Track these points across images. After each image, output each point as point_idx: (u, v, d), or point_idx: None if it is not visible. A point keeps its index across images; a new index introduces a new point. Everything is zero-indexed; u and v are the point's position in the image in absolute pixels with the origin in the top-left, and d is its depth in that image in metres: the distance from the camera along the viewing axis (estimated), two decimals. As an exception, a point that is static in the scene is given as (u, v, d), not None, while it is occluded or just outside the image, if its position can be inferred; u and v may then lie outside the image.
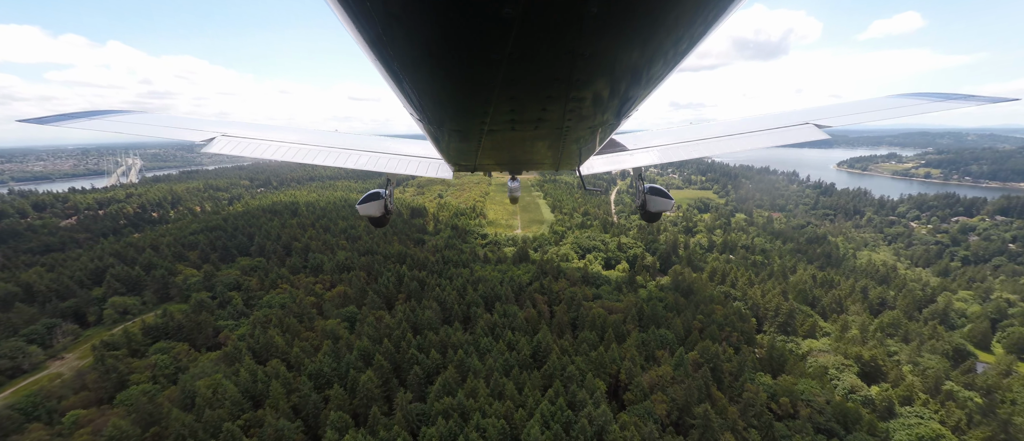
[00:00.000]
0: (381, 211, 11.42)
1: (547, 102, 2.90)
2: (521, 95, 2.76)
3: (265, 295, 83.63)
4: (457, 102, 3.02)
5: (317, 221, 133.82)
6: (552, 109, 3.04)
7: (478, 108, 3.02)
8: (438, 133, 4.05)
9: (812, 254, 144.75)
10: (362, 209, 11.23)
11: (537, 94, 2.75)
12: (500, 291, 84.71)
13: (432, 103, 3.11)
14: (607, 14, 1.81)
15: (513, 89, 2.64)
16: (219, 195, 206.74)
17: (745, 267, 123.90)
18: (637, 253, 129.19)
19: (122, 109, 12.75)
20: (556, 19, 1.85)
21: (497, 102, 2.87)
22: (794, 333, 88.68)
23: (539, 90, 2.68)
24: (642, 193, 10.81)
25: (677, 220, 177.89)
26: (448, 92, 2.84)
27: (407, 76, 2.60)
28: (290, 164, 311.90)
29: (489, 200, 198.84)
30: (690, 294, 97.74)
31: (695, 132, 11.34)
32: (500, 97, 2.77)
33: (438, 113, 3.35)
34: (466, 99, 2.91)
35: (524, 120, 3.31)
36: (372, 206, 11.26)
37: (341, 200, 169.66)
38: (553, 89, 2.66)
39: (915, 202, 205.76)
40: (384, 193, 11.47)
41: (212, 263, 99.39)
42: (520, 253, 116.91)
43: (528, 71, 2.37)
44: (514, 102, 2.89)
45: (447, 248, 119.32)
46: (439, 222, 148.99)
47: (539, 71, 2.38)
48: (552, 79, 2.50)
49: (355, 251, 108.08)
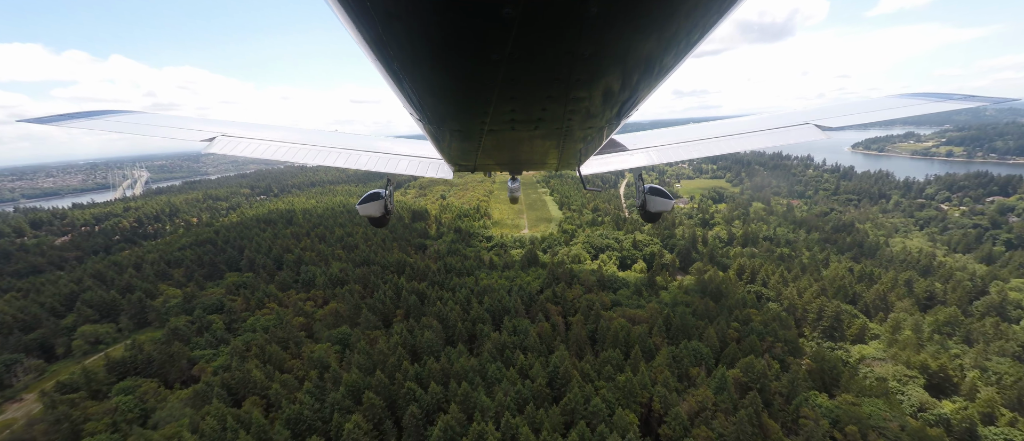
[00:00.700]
0: (381, 211, 10.87)
1: (547, 102, 2.87)
2: (521, 95, 2.73)
3: (250, 317, 74.69)
4: (457, 102, 2.98)
5: (313, 229, 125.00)
6: (552, 109, 3.01)
7: (478, 108, 2.99)
8: (438, 133, 3.99)
9: (842, 244, 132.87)
10: (362, 209, 10.68)
11: (537, 94, 2.72)
12: (508, 303, 74.92)
13: (432, 103, 3.06)
14: (607, 14, 1.81)
15: (513, 89, 2.62)
16: (218, 205, 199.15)
17: (773, 262, 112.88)
18: (654, 251, 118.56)
19: (123, 109, 11.92)
20: (556, 19, 1.84)
21: (497, 102, 2.84)
22: (841, 338, 77.80)
23: (539, 90, 2.65)
24: (642, 193, 10.58)
25: (692, 212, 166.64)
26: (448, 92, 2.80)
27: (407, 76, 2.56)
28: (291, 170, 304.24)
29: (494, 199, 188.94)
30: (720, 297, 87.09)
31: (695, 132, 11.12)
32: (500, 97, 2.75)
33: (438, 113, 3.30)
34: (466, 99, 2.87)
35: (524, 120, 3.28)
36: (372, 206, 10.73)
37: (339, 206, 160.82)
38: (553, 89, 2.63)
39: (944, 183, 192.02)
40: (384, 193, 10.93)
41: (197, 281, 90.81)
42: (529, 256, 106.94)
43: (528, 71, 2.36)
44: (514, 102, 2.86)
45: (450, 254, 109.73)
46: (442, 225, 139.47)
47: (539, 71, 2.36)
48: (552, 79, 2.48)
49: (351, 262, 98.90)
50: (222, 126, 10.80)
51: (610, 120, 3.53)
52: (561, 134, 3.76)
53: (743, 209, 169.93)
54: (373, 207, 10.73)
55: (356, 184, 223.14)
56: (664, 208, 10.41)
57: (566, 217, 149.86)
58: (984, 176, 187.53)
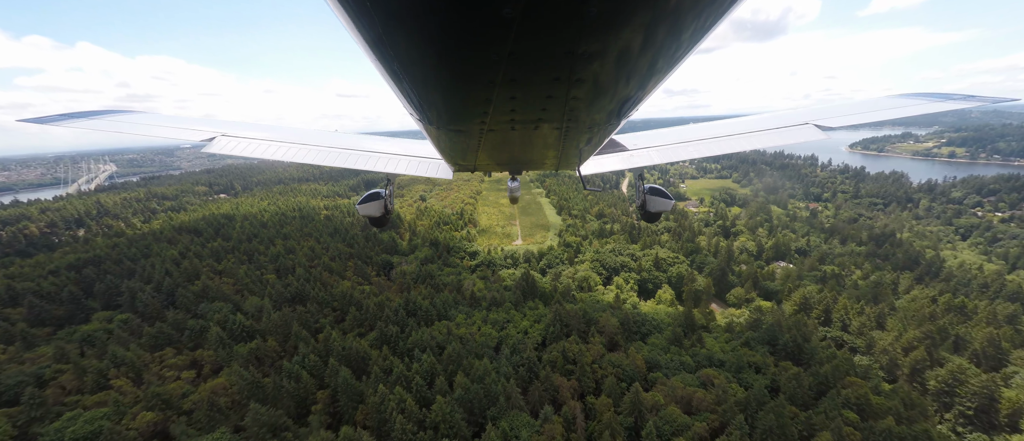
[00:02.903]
0: (381, 211, 10.32)
1: (547, 102, 2.77)
2: (521, 95, 2.64)
3: (66, 413, 42.93)
4: (457, 102, 2.85)
5: (245, 243, 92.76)
6: (552, 109, 2.91)
7: (478, 108, 2.87)
8: (438, 133, 3.81)
9: (895, 259, 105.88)
10: (362, 209, 10.14)
11: (537, 94, 2.63)
12: (496, 386, 44.63)
13: (432, 103, 2.92)
14: (606, 14, 1.76)
15: (513, 89, 2.52)
16: (162, 204, 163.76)
17: (831, 287, 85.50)
18: (681, 272, 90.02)
19: (121, 109, 10.90)
20: (556, 19, 1.78)
21: (497, 102, 2.73)
22: (994, 426, 49.84)
23: (539, 90, 2.57)
24: (642, 193, 10.36)
25: (709, 219, 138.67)
26: (448, 92, 2.69)
27: (407, 76, 2.46)
28: (264, 164, 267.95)
29: (481, 201, 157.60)
30: (799, 355, 58.63)
31: (695, 132, 10.46)
32: (500, 97, 2.64)
33: (438, 113, 3.14)
34: (466, 99, 2.75)
35: (524, 120, 3.17)
36: (372, 206, 10.16)
37: (294, 209, 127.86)
38: (553, 89, 2.54)
39: (970, 185, 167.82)
40: (384, 193, 10.39)
41: (41, 327, 58.59)
42: (524, 283, 76.98)
43: (528, 71, 2.27)
44: (514, 102, 2.75)
45: (420, 281, 79.02)
46: (416, 235, 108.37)
47: (539, 71, 2.29)
48: (552, 79, 2.39)
49: (278, 296, 67.52)
50: (222, 126, 10.13)
51: (610, 120, 3.40)
52: (561, 134, 3.65)
53: (763, 214, 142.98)
54: (373, 207, 10.15)
55: (325, 182, 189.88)
56: (664, 208, 10.02)
57: (567, 226, 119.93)
58: (1016, 179, 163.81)
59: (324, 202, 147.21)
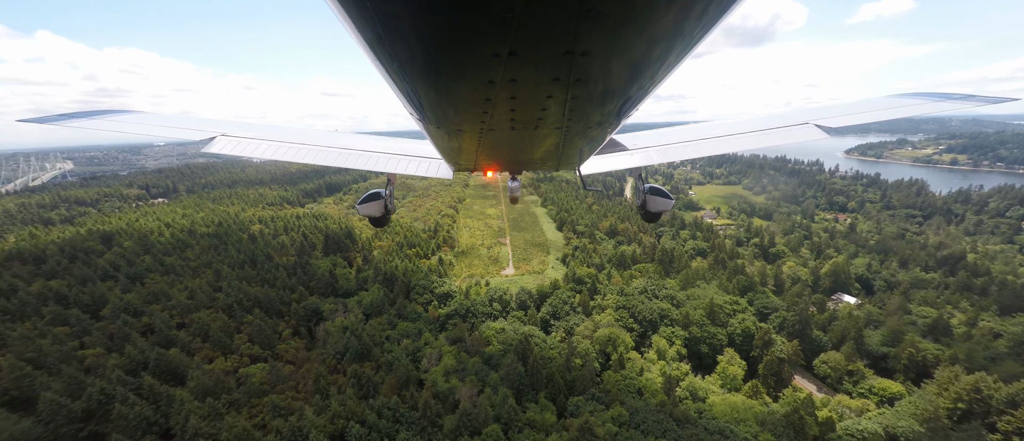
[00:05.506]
0: (381, 211, 9.78)
1: (547, 102, 2.68)
2: (521, 95, 2.54)
3: None
4: (457, 102, 2.74)
5: (97, 283, 58.26)
6: (552, 109, 2.82)
7: (478, 108, 2.78)
8: (438, 133, 3.65)
9: (994, 294, 77.35)
10: (362, 209, 9.64)
11: (537, 94, 2.54)
12: None
13: (432, 103, 2.82)
14: (606, 14, 1.70)
15: (513, 89, 2.43)
16: (70, 211, 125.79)
17: (958, 347, 56.21)
18: (749, 326, 59.52)
19: (122, 109, 10.66)
20: (555, 19, 1.73)
21: (497, 102, 2.64)
22: None
23: (539, 90, 2.47)
24: (642, 193, 9.67)
25: (742, 237, 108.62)
26: (448, 92, 2.58)
27: (407, 76, 2.37)
28: (234, 162, 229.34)
29: (463, 212, 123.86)
30: None
31: (695, 132, 9.92)
32: (500, 97, 2.55)
33: (438, 113, 3.01)
34: (466, 99, 2.65)
35: (524, 120, 3.06)
36: (372, 206, 9.62)
37: (213, 222, 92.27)
38: (553, 89, 2.46)
39: (1006, 195, 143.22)
40: (384, 193, 9.83)
41: None
42: (519, 349, 44.89)
43: (528, 71, 2.20)
44: (514, 102, 2.66)
45: (356, 355, 46.02)
46: (368, 263, 75.10)
47: (539, 71, 2.21)
48: (552, 79, 2.32)
49: (55, 413, 34.04)
50: (222, 126, 9.67)
51: (610, 120, 3.28)
52: (561, 134, 3.53)
53: (804, 230, 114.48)
54: (373, 207, 9.63)
55: (280, 186, 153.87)
56: (664, 208, 9.41)
57: (574, 248, 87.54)
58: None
59: (266, 212, 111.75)
